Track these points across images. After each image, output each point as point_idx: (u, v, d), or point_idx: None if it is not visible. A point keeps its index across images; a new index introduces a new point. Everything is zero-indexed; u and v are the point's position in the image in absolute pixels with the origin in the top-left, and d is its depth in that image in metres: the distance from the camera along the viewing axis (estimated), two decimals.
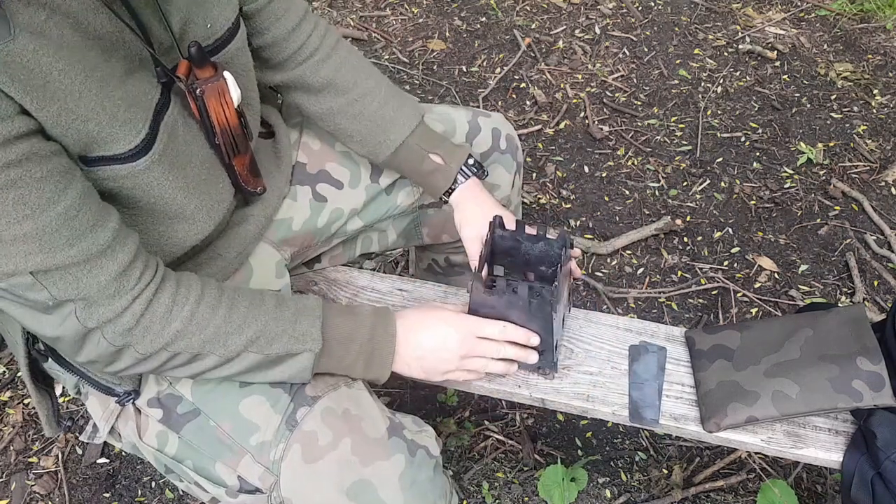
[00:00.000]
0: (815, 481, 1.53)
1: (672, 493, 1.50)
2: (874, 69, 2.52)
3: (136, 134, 0.77)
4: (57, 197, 0.70)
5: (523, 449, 1.60)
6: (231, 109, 0.87)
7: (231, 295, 0.86)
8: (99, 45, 0.73)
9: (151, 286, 0.79)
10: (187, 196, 0.86)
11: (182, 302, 0.81)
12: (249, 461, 0.89)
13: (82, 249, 0.73)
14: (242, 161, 0.94)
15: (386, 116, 1.08)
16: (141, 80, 0.78)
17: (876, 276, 1.90)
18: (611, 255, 1.98)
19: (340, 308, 0.94)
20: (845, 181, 2.15)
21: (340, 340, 0.91)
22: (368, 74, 1.09)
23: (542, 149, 2.29)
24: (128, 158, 0.77)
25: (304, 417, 0.89)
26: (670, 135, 2.32)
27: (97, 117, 0.72)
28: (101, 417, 0.97)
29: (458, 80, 2.54)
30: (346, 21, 2.79)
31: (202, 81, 0.83)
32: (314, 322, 0.88)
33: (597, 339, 1.14)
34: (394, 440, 0.89)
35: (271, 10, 1.00)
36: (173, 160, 0.82)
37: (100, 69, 0.72)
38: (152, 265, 0.81)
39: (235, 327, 0.84)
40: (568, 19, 2.78)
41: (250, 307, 0.86)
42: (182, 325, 0.81)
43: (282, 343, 0.87)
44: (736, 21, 2.74)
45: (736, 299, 1.86)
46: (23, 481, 1.56)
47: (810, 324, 1.08)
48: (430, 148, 1.08)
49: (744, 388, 1.03)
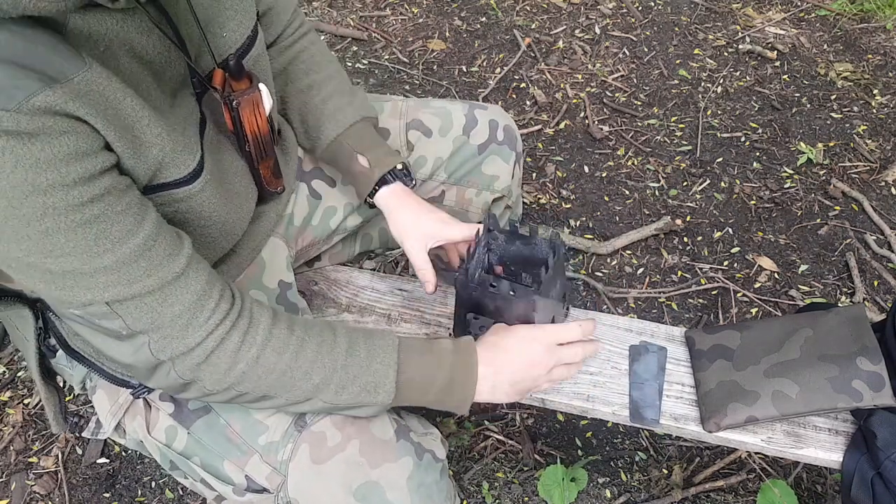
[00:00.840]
0: (815, 481, 1.53)
1: (672, 493, 1.50)
2: (874, 69, 2.52)
3: (193, 157, 0.78)
4: (136, 229, 0.70)
5: (523, 449, 1.60)
6: (263, 119, 0.88)
7: (301, 336, 0.82)
8: (151, 68, 0.74)
9: (227, 322, 0.78)
10: (228, 210, 0.88)
11: (250, 343, 0.79)
12: (257, 461, 0.89)
13: (159, 278, 0.73)
14: (267, 164, 0.95)
15: (325, 111, 1.08)
16: (184, 98, 0.80)
17: (876, 276, 1.90)
18: (611, 255, 1.98)
19: (419, 346, 0.88)
20: (845, 181, 2.15)
21: (417, 385, 0.87)
22: (322, 68, 1.10)
23: (542, 149, 2.29)
24: (186, 181, 0.78)
25: (315, 418, 0.89)
26: (670, 135, 2.32)
27: (161, 143, 0.73)
28: (109, 412, 0.97)
29: (458, 80, 2.54)
30: (346, 21, 2.79)
31: (239, 93, 0.84)
32: (387, 370, 0.84)
33: (597, 339, 1.14)
34: (402, 443, 0.89)
35: (271, 15, 1.04)
36: (218, 176, 0.84)
37: (154, 94, 0.74)
38: (227, 296, 0.79)
39: (302, 373, 0.82)
40: (568, 19, 2.78)
41: (319, 350, 0.83)
42: (247, 368, 0.79)
43: (352, 393, 0.84)
44: (736, 21, 2.74)
45: (736, 299, 1.85)
46: (23, 481, 1.56)
47: (810, 324, 1.08)
48: (360, 149, 1.06)
49: (744, 388, 1.03)
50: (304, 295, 1.20)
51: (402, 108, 1.19)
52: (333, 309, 1.19)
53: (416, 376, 0.86)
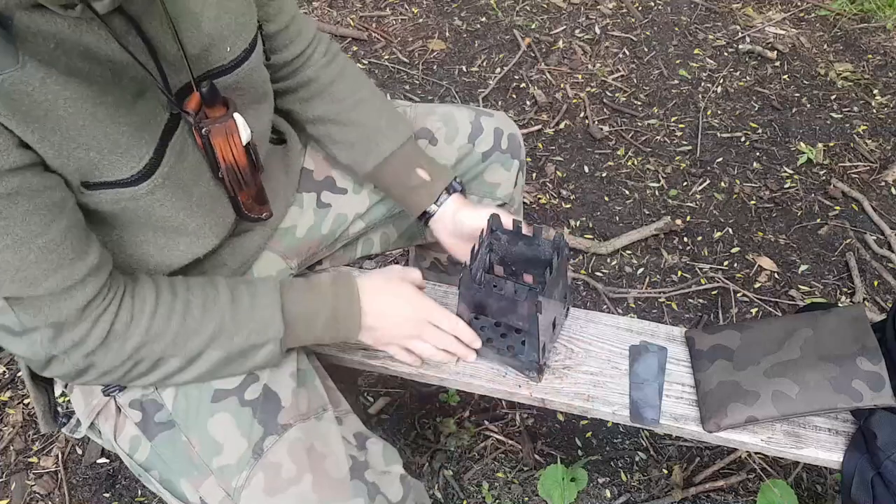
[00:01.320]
0: (815, 481, 1.53)
1: (672, 493, 1.50)
2: (874, 69, 2.52)
3: (139, 161, 0.77)
4: (40, 230, 0.71)
5: (523, 449, 1.60)
6: (239, 149, 0.86)
7: (185, 297, 0.85)
8: (110, 67, 0.72)
9: (111, 308, 0.80)
10: (190, 215, 0.87)
11: (139, 316, 0.81)
12: (212, 483, 0.88)
13: (56, 282, 0.74)
14: (248, 193, 0.94)
15: (379, 126, 1.08)
16: (152, 100, 0.78)
17: (876, 276, 1.90)
18: (611, 255, 1.98)
19: (299, 284, 0.93)
20: (845, 181, 2.15)
21: (304, 318, 0.91)
22: (364, 86, 1.10)
23: (542, 149, 2.29)
24: (130, 183, 0.77)
25: (272, 447, 0.87)
26: (670, 135, 2.32)
27: (99, 145, 0.73)
28: (83, 412, 0.97)
29: (458, 80, 2.54)
30: (346, 21, 2.79)
31: (210, 121, 0.82)
32: (274, 308, 0.88)
33: (597, 339, 1.14)
34: (355, 482, 0.87)
35: (287, 34, 1.02)
36: (178, 181, 0.83)
37: (110, 94, 0.73)
38: (114, 286, 0.81)
39: (193, 330, 0.84)
40: (568, 19, 2.78)
41: (205, 306, 0.85)
42: (140, 339, 0.82)
43: (243, 335, 0.87)
44: (736, 21, 2.74)
45: (736, 299, 1.86)
46: (23, 481, 1.56)
47: (810, 324, 1.08)
48: (417, 163, 1.08)
49: (744, 388, 1.03)
50: None
51: (410, 115, 1.19)
52: None
53: (301, 310, 0.91)
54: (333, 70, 1.08)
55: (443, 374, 1.09)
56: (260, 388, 0.91)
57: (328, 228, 1.15)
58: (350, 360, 1.12)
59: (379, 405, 1.68)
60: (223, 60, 0.85)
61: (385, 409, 1.68)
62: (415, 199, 1.09)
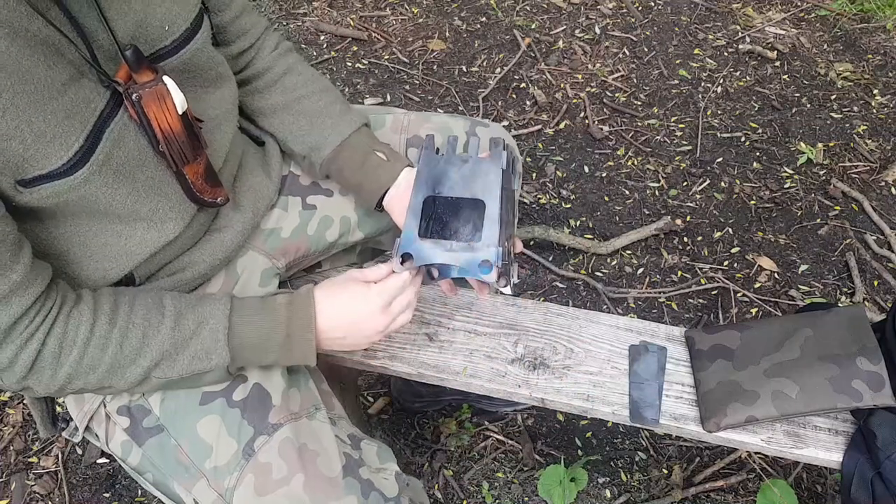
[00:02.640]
0: (815, 481, 1.53)
1: (672, 493, 1.50)
2: (874, 69, 2.52)
3: (68, 149, 0.74)
4: None
5: (523, 449, 1.60)
6: (173, 115, 0.82)
7: (124, 324, 0.82)
8: (42, 50, 0.70)
9: (38, 335, 0.77)
10: (139, 200, 0.84)
11: (70, 346, 0.79)
12: (204, 485, 0.88)
13: None
14: (195, 170, 0.89)
15: (332, 114, 1.06)
16: (85, 86, 0.75)
17: (876, 276, 1.90)
18: (611, 255, 1.98)
19: (252, 306, 0.88)
20: (845, 181, 2.15)
21: (252, 345, 0.87)
22: (317, 79, 1.09)
23: (542, 149, 2.29)
24: (63, 173, 0.74)
25: (262, 448, 0.87)
26: (670, 135, 2.32)
27: (21, 135, 0.70)
28: (77, 417, 0.97)
29: (458, 80, 2.54)
30: (346, 21, 2.79)
31: (139, 86, 0.79)
32: (217, 335, 0.85)
33: (597, 339, 1.14)
34: (348, 480, 0.87)
35: (238, 24, 1.01)
36: (119, 167, 0.80)
37: (37, 79, 0.70)
38: (46, 307, 0.78)
39: (130, 359, 0.82)
40: (568, 19, 2.78)
41: (145, 334, 0.82)
42: (72, 370, 0.79)
43: (184, 364, 0.84)
44: (736, 21, 2.74)
45: (736, 299, 1.85)
46: (23, 481, 1.56)
47: (810, 324, 1.08)
48: (374, 147, 1.05)
49: (744, 388, 1.03)
50: None
51: (404, 123, 1.18)
52: None
53: (250, 336, 0.86)
54: (284, 63, 1.07)
55: (442, 375, 1.09)
56: (249, 387, 0.91)
57: (314, 230, 1.13)
58: (350, 360, 1.12)
59: (379, 405, 1.68)
60: (164, 41, 0.83)
61: (385, 409, 1.68)
62: (373, 179, 1.03)
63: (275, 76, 1.06)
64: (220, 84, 0.95)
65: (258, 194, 1.04)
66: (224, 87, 0.96)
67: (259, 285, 1.05)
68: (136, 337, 0.82)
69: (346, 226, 1.15)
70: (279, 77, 1.07)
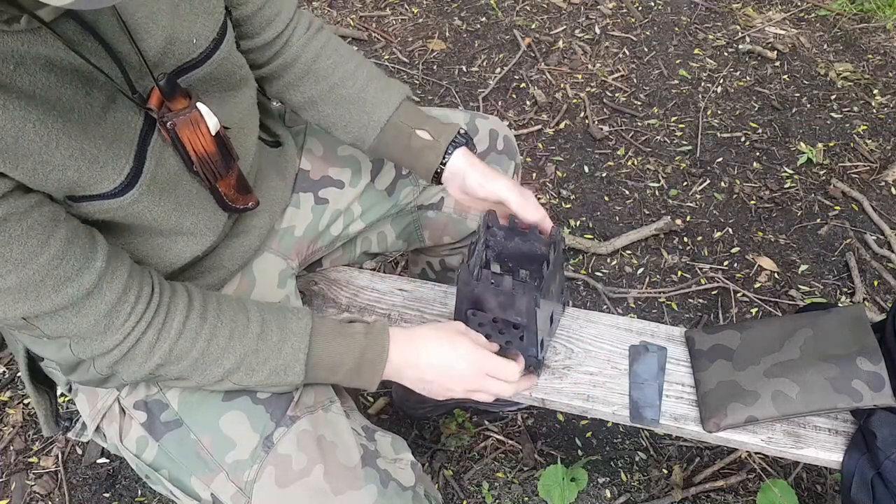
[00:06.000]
0: (815, 481, 1.53)
1: (672, 493, 1.50)
2: (874, 69, 2.52)
3: (120, 172, 0.75)
4: (39, 249, 0.70)
5: (523, 449, 1.60)
6: (207, 139, 0.84)
7: (213, 323, 0.84)
8: (77, 77, 0.70)
9: (142, 322, 0.80)
10: (182, 215, 0.86)
11: (164, 337, 0.82)
12: (224, 479, 0.89)
13: (69, 295, 0.73)
14: (228, 182, 0.91)
15: (367, 98, 1.04)
16: (123, 106, 0.76)
17: (876, 276, 1.90)
18: (611, 255, 1.98)
19: (331, 329, 0.91)
20: (845, 181, 2.15)
21: (326, 367, 0.90)
22: (348, 58, 1.06)
23: (542, 149, 2.29)
24: (115, 194, 0.76)
25: (281, 439, 0.88)
26: (670, 135, 2.32)
27: (76, 164, 0.71)
28: (88, 415, 0.97)
29: (458, 80, 2.54)
30: (346, 21, 2.79)
31: (174, 114, 0.80)
32: (298, 353, 0.87)
33: (597, 339, 1.14)
34: (367, 470, 0.88)
35: (263, 14, 0.98)
36: (163, 184, 0.82)
37: (78, 107, 0.70)
38: (145, 295, 0.81)
39: (214, 359, 0.84)
40: (568, 19, 2.78)
41: (231, 336, 0.85)
42: (162, 360, 0.82)
43: (262, 375, 0.87)
44: (736, 21, 2.74)
45: (736, 299, 1.85)
46: (23, 481, 1.56)
47: (810, 324, 1.08)
48: (416, 125, 1.03)
49: (744, 388, 1.03)
50: (304, 295, 1.20)
51: None
52: (333, 309, 1.19)
53: (326, 359, 0.89)
54: (315, 46, 1.04)
55: None
56: None
57: (325, 223, 1.14)
58: None
59: (379, 405, 1.68)
60: (192, 54, 0.82)
61: (385, 409, 1.68)
62: (422, 162, 1.04)
63: (305, 65, 1.04)
64: (241, 86, 0.95)
65: (274, 197, 1.05)
66: (245, 88, 0.96)
67: (277, 286, 1.07)
68: (224, 336, 0.84)
69: (349, 217, 1.16)
70: (310, 65, 1.04)
